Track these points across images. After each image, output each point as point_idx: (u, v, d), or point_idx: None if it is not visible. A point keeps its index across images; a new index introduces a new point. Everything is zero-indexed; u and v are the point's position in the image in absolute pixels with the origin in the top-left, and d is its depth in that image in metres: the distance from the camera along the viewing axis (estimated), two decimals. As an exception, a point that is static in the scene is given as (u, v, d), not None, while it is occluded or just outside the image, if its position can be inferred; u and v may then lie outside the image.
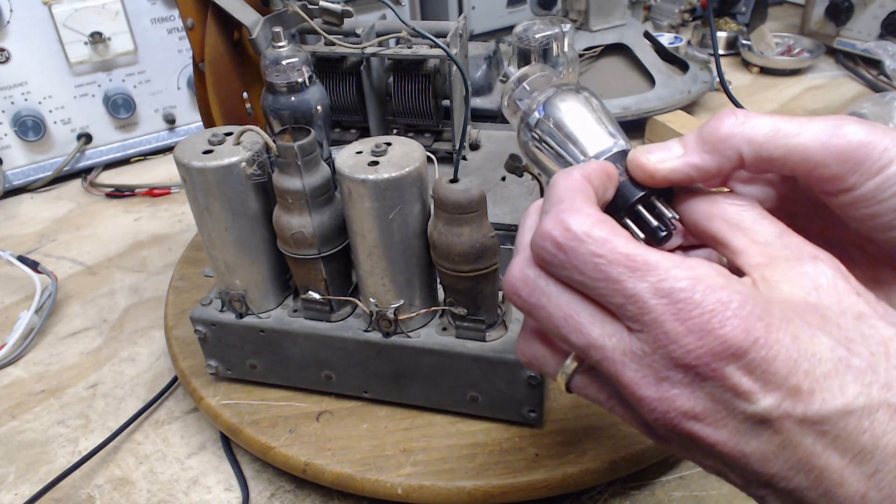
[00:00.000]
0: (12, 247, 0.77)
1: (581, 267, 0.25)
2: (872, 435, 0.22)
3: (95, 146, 0.92)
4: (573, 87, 0.34)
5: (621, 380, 0.25)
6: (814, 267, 0.25)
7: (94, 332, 0.65)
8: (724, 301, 0.23)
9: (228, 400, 0.51)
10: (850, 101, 0.99)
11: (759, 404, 0.23)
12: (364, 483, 0.45)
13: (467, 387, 0.46)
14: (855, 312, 0.24)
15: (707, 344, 0.23)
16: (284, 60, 0.48)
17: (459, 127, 0.59)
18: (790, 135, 0.26)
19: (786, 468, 0.23)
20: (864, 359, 0.23)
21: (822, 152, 0.26)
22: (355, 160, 0.42)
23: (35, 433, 0.55)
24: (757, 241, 0.26)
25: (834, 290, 0.25)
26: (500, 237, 0.42)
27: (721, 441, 0.24)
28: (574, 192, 0.27)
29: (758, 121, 0.27)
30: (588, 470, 0.44)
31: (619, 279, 0.25)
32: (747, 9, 1.15)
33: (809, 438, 0.23)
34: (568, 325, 0.26)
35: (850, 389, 0.22)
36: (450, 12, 1.13)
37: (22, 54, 0.84)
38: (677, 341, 0.23)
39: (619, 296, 0.25)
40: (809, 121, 0.27)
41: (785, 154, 0.27)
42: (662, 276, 0.24)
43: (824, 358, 0.23)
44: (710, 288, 0.23)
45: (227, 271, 0.47)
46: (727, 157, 0.28)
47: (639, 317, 0.24)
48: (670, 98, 0.91)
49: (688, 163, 0.28)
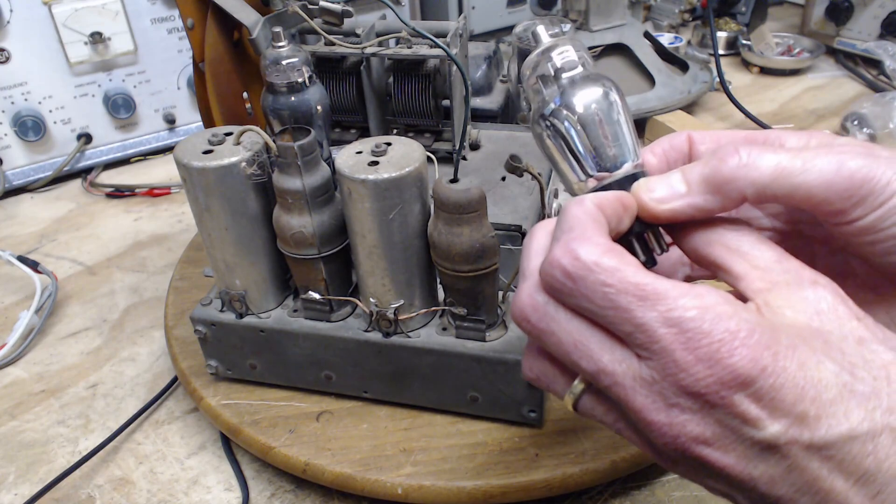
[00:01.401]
0: (12, 247, 0.77)
1: (590, 296, 0.26)
2: (876, 458, 0.23)
3: (95, 146, 0.92)
4: (596, 77, 0.32)
5: (631, 405, 0.26)
6: (814, 292, 0.25)
7: (94, 332, 0.65)
8: (733, 330, 0.24)
9: (228, 400, 0.51)
10: (850, 101, 0.99)
11: (767, 431, 0.23)
12: (364, 483, 0.45)
13: (467, 387, 0.46)
14: (856, 337, 0.24)
15: (716, 373, 0.23)
16: (284, 60, 0.48)
17: (459, 127, 0.59)
18: (795, 174, 0.26)
19: (792, 491, 0.24)
20: (867, 384, 0.23)
21: (826, 190, 0.26)
22: (355, 160, 0.42)
23: (35, 433, 0.55)
24: (757, 266, 0.27)
25: (835, 314, 0.25)
26: (500, 237, 0.42)
27: (730, 465, 0.25)
28: (585, 221, 0.27)
29: (762, 160, 0.27)
30: (588, 470, 0.44)
31: (629, 308, 0.25)
32: (747, 9, 1.15)
33: (815, 463, 0.23)
34: (578, 352, 0.27)
35: (854, 415, 0.23)
36: (450, 12, 1.13)
37: (22, 54, 0.84)
38: (686, 370, 0.24)
39: (628, 324, 0.25)
40: (814, 156, 0.27)
41: (788, 193, 0.27)
42: (671, 306, 0.24)
43: (830, 384, 0.23)
44: (718, 317, 0.24)
45: (227, 271, 0.47)
46: (730, 198, 0.28)
47: (648, 345, 0.25)
48: (670, 98, 0.91)
49: (691, 204, 0.28)
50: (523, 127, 0.67)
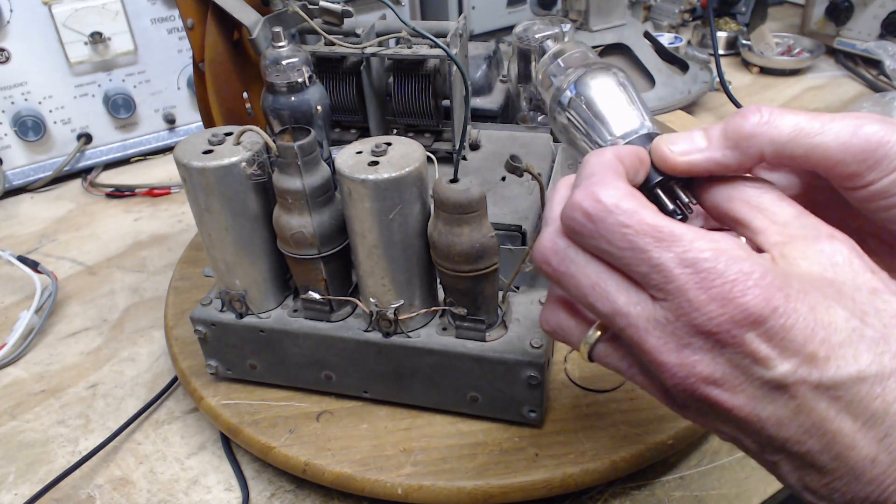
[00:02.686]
0: (12, 247, 0.77)
1: (609, 237, 0.26)
2: (884, 401, 0.23)
3: (95, 146, 0.92)
4: (605, 65, 0.35)
5: (644, 346, 0.26)
6: (830, 245, 0.26)
7: (94, 332, 0.65)
8: (746, 271, 0.24)
9: (228, 400, 0.51)
10: (850, 101, 0.99)
11: (777, 370, 0.24)
12: (364, 483, 0.45)
13: (467, 387, 0.46)
14: (869, 288, 0.25)
15: (728, 311, 0.24)
16: (284, 60, 0.48)
17: (459, 127, 0.59)
18: (812, 134, 0.27)
19: (800, 432, 0.24)
20: (877, 330, 0.24)
21: (843, 152, 0.27)
22: (355, 160, 0.42)
23: (35, 433, 0.55)
24: (776, 221, 0.27)
25: (849, 266, 0.26)
26: (500, 237, 0.42)
27: (738, 406, 0.25)
28: (606, 168, 0.28)
29: (781, 120, 0.28)
30: (588, 470, 0.44)
31: (646, 249, 0.26)
32: (747, 9, 1.15)
33: (823, 403, 0.24)
34: (595, 293, 0.28)
35: (863, 358, 0.23)
36: (450, 12, 1.13)
37: (22, 54, 0.84)
38: (700, 309, 0.24)
39: (644, 265, 0.26)
40: (831, 119, 0.27)
41: (806, 153, 0.27)
42: (686, 247, 0.25)
43: (839, 328, 0.24)
44: (732, 259, 0.24)
45: (227, 271, 0.47)
46: (749, 155, 0.28)
47: (663, 285, 0.25)
48: (670, 98, 0.91)
49: (710, 158, 0.29)
50: (523, 127, 0.67)
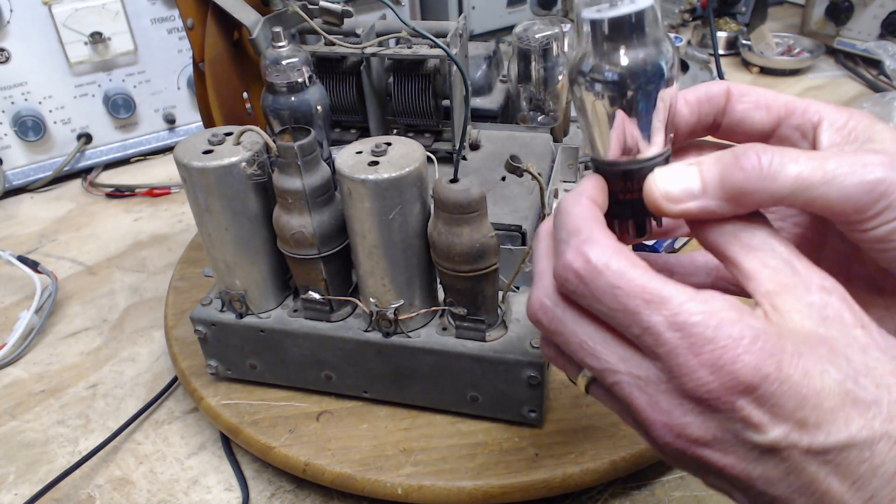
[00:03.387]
0: (12, 247, 0.77)
1: (601, 297, 0.26)
2: (872, 464, 0.23)
3: (95, 146, 0.92)
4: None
5: (633, 404, 0.26)
6: (821, 297, 0.25)
7: (94, 332, 0.65)
8: (737, 336, 0.24)
9: (228, 400, 0.51)
10: (850, 101, 0.99)
11: (768, 435, 0.24)
12: (364, 483, 0.45)
13: (467, 387, 0.46)
14: (860, 345, 0.25)
15: (719, 378, 0.24)
16: (284, 60, 0.48)
17: (459, 127, 0.59)
18: (814, 186, 0.26)
19: (789, 491, 0.24)
20: (869, 392, 0.24)
21: (843, 203, 0.26)
22: (355, 160, 0.42)
23: (35, 433, 0.55)
24: (767, 265, 0.26)
25: (840, 321, 0.25)
26: (500, 237, 0.42)
27: (729, 465, 0.25)
28: (590, 222, 0.28)
29: (782, 172, 0.26)
30: (588, 470, 0.44)
31: (636, 311, 0.25)
32: (747, 9, 1.15)
33: (814, 466, 0.24)
34: (584, 351, 0.28)
35: (854, 424, 0.23)
36: (450, 12, 1.13)
37: (22, 54, 0.84)
38: (690, 374, 0.24)
39: (635, 326, 0.26)
40: (836, 167, 0.26)
41: (807, 203, 0.26)
42: (676, 310, 0.25)
43: (832, 392, 0.24)
44: (722, 322, 0.24)
45: (227, 271, 0.47)
46: (745, 208, 0.27)
47: (654, 348, 0.25)
48: (670, 98, 0.91)
49: (703, 209, 0.28)
50: (523, 127, 0.67)
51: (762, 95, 0.31)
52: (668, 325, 0.25)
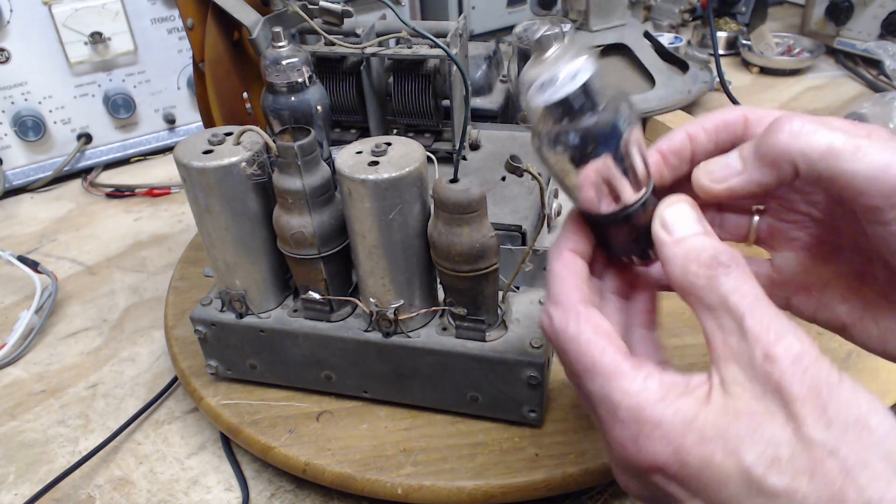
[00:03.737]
0: (12, 247, 0.77)
1: (562, 356, 0.30)
2: None
3: (95, 146, 0.92)
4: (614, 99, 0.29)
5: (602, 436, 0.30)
6: (763, 367, 0.24)
7: (94, 332, 0.65)
8: (643, 422, 0.26)
9: (228, 400, 0.51)
10: (850, 101, 0.99)
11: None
12: (364, 483, 0.45)
13: (467, 387, 0.46)
14: (796, 424, 0.23)
15: (633, 455, 0.27)
16: (284, 60, 0.48)
17: (459, 127, 0.59)
18: (844, 157, 0.26)
19: None
20: (781, 480, 0.23)
21: (868, 184, 0.26)
22: (355, 160, 0.42)
23: (35, 433, 0.55)
24: (722, 328, 0.26)
25: (779, 393, 0.24)
26: (500, 237, 0.42)
27: None
28: (560, 282, 0.31)
29: (815, 134, 0.27)
30: (588, 470, 0.44)
31: (581, 375, 0.29)
32: (747, 9, 1.15)
33: None
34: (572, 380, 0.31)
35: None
36: (450, 12, 1.13)
37: (22, 54, 0.84)
38: (615, 444, 0.28)
39: (582, 388, 0.29)
40: (868, 145, 0.26)
41: (833, 175, 0.27)
42: (605, 388, 0.27)
43: (737, 480, 0.24)
44: (639, 406, 0.26)
45: (227, 271, 0.47)
46: (784, 171, 0.28)
47: (594, 411, 0.29)
48: (670, 98, 0.91)
49: (748, 180, 0.29)
50: (523, 127, 0.67)
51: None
52: (600, 397, 0.28)
